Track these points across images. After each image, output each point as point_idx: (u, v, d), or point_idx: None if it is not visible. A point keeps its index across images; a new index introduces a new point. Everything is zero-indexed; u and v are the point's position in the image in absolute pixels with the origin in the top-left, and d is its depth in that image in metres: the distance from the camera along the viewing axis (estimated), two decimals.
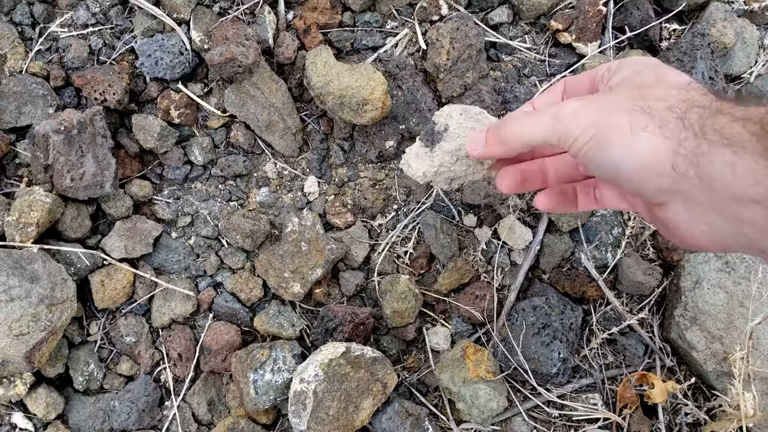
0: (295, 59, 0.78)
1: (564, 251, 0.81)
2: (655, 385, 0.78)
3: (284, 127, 0.78)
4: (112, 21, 0.75)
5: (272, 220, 0.79)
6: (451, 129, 0.53)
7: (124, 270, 0.75)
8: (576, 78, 0.51)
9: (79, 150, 0.70)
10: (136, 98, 0.76)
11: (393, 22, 0.81)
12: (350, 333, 0.77)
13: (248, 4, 0.76)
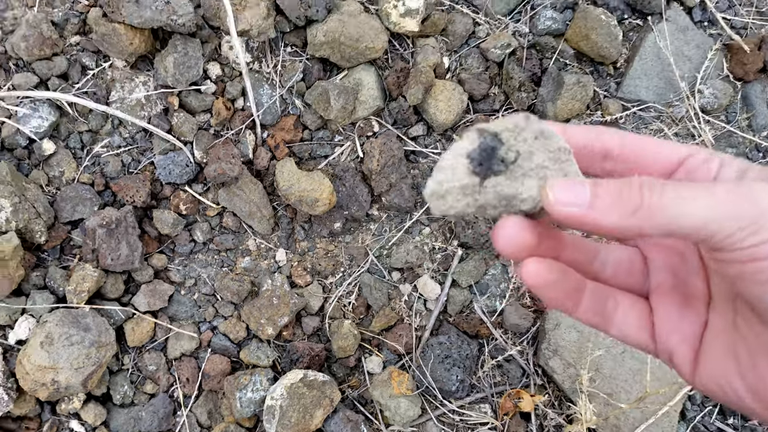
0: (268, 167, 1.09)
1: (464, 301, 1.13)
2: (524, 398, 1.09)
3: (261, 215, 1.09)
4: (138, 143, 1.06)
5: (253, 281, 1.11)
6: (519, 160, 0.37)
7: (148, 319, 1.06)
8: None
9: (116, 239, 1.02)
10: (156, 197, 1.07)
11: (339, 137, 1.12)
12: (308, 362, 1.08)
13: (235, 130, 1.07)
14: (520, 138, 0.38)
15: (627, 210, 0.33)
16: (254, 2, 1.02)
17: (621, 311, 0.42)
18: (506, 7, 1.14)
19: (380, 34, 1.06)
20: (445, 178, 0.37)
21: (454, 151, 0.37)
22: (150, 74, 1.04)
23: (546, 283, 0.38)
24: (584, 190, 0.34)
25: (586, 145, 0.40)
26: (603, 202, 0.34)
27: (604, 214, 0.34)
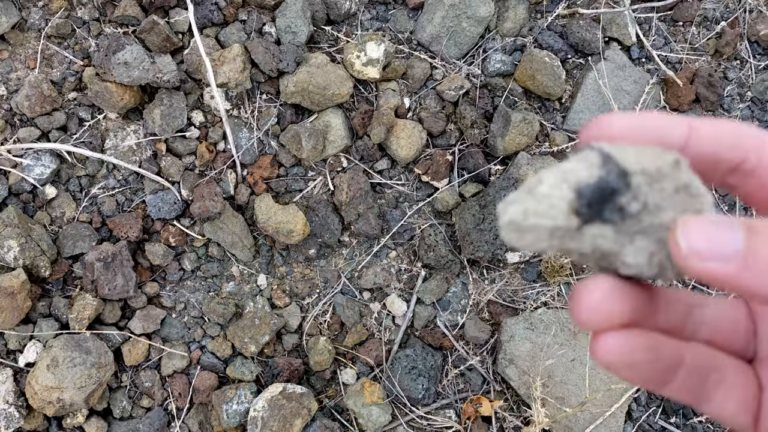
0: (248, 201, 1.21)
1: (428, 316, 1.25)
2: (483, 404, 1.21)
3: (242, 245, 1.22)
4: (130, 184, 1.19)
5: (237, 304, 1.23)
6: (642, 214, 0.30)
7: (143, 341, 1.18)
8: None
9: (112, 271, 1.14)
10: (148, 231, 1.20)
11: (312, 173, 1.24)
12: (288, 376, 1.20)
13: (217, 170, 1.20)
14: (656, 186, 0.30)
15: None
16: (231, 57, 1.15)
17: (724, 389, 0.33)
18: (460, 52, 1.26)
19: (345, 81, 1.19)
20: (534, 209, 0.29)
21: (560, 175, 0.30)
22: (140, 123, 1.17)
23: (631, 363, 0.30)
24: (734, 237, 0.25)
25: (715, 152, 0.31)
26: (763, 260, 0.25)
27: (761, 279, 0.25)
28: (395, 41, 1.25)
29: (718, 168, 0.32)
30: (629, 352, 0.29)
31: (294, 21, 1.18)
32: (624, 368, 0.30)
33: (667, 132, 0.32)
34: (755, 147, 0.31)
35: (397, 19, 1.26)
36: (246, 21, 1.20)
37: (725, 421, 0.34)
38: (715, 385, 0.33)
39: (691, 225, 0.27)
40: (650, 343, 0.30)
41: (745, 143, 0.31)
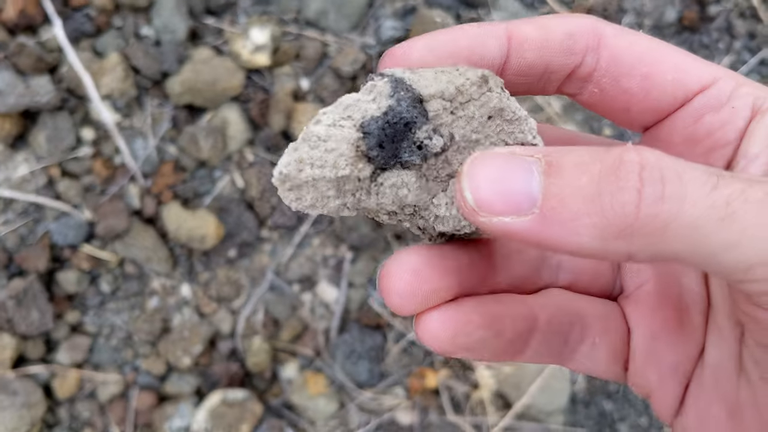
0: (157, 212, 1.18)
1: (361, 298, 1.23)
2: (426, 376, 1.20)
3: (158, 257, 1.18)
4: (31, 215, 1.15)
5: (163, 318, 1.20)
6: (451, 151, 0.25)
7: (73, 372, 1.15)
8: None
9: (26, 306, 1.11)
10: (58, 260, 1.16)
11: (218, 172, 1.21)
12: (228, 382, 1.18)
13: (119, 185, 1.16)
14: (461, 114, 0.24)
15: (611, 229, 0.20)
16: (110, 67, 1.11)
17: (589, 341, 0.30)
18: (350, 24, 1.23)
19: (235, 73, 1.15)
20: (310, 157, 0.23)
21: (340, 111, 0.24)
22: (29, 151, 1.12)
23: (468, 345, 0.26)
24: (530, 180, 0.21)
25: (544, 62, 0.27)
26: (565, 208, 0.20)
27: (568, 232, 0.20)
28: (282, 23, 1.21)
29: (550, 78, 0.28)
30: (463, 333, 0.25)
31: (170, 19, 1.13)
32: (461, 351, 0.26)
33: (482, 47, 0.27)
34: (591, 47, 0.27)
35: (280, 1, 1.22)
36: (122, 27, 1.15)
37: (596, 374, 0.31)
38: (578, 339, 0.30)
39: (477, 168, 0.22)
40: (488, 315, 0.26)
41: (578, 45, 0.27)
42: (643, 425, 1.24)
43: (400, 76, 0.25)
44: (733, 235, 0.19)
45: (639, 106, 0.27)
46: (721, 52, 1.28)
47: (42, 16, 1.10)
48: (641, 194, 0.20)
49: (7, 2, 1.07)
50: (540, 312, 0.29)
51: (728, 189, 0.20)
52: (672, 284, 0.30)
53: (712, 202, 0.19)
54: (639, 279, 0.31)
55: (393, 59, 0.28)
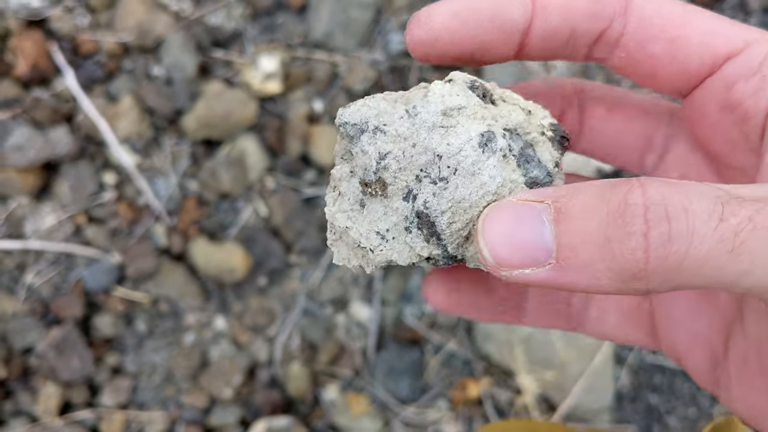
0: (184, 248, 1.19)
1: (395, 314, 1.23)
2: (468, 386, 1.19)
3: (190, 293, 1.19)
4: (62, 263, 1.16)
5: (202, 351, 1.21)
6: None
7: (118, 414, 1.17)
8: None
9: (66, 354, 1.12)
10: (93, 305, 1.17)
11: (240, 203, 1.21)
12: (270, 410, 1.18)
13: (145, 226, 1.17)
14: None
15: (626, 273, 0.20)
16: (125, 110, 1.11)
17: (597, 301, 0.30)
18: (357, 42, 1.22)
19: (248, 103, 1.15)
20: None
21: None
22: (55, 201, 1.14)
23: (458, 302, 0.30)
24: (542, 232, 0.21)
25: (570, 26, 0.27)
26: (579, 256, 0.21)
27: (587, 278, 0.21)
28: (289, 49, 1.21)
29: (577, 44, 0.28)
30: (455, 290, 0.29)
31: (179, 56, 1.14)
32: (457, 307, 0.30)
33: (504, 11, 0.27)
34: (618, 12, 0.27)
35: (286, 26, 1.22)
36: (132, 69, 1.16)
37: (616, 338, 0.31)
38: (582, 304, 0.30)
39: (489, 224, 0.23)
40: (476, 274, 0.28)
41: (605, 10, 0.27)
42: (691, 416, 1.22)
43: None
44: (745, 266, 0.19)
45: (665, 71, 0.27)
46: None
47: (53, 67, 1.11)
48: (648, 239, 0.20)
49: (18, 58, 1.08)
50: None
51: (736, 219, 0.20)
52: None
53: (720, 236, 0.19)
54: None
55: (417, 25, 0.28)
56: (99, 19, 1.15)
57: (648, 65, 0.27)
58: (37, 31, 1.11)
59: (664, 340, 0.30)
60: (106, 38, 1.13)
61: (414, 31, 0.28)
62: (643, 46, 0.27)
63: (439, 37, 0.27)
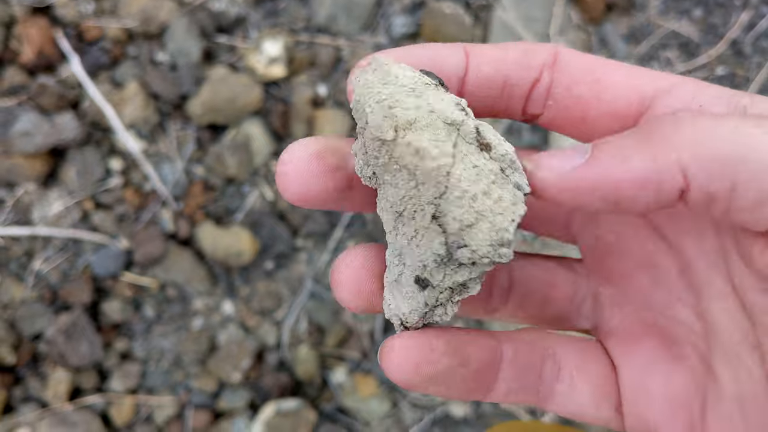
0: (191, 233, 1.19)
1: None
2: None
3: (198, 278, 1.20)
4: (70, 249, 1.17)
5: (210, 336, 1.21)
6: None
7: (128, 399, 1.17)
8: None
9: (75, 340, 1.13)
10: (101, 291, 1.18)
11: (246, 188, 1.22)
12: (279, 393, 1.19)
13: (151, 211, 1.17)
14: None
15: (651, 148, 0.22)
16: (130, 96, 1.12)
17: (567, 378, 0.29)
18: (360, 26, 1.23)
19: (253, 88, 1.16)
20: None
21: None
22: (62, 187, 1.14)
23: (430, 377, 0.26)
24: (582, 149, 0.24)
25: (503, 75, 0.28)
26: (614, 144, 0.23)
27: (619, 161, 0.22)
28: (293, 33, 1.21)
29: (512, 95, 0.29)
30: (427, 361, 0.26)
31: (183, 42, 1.14)
32: (427, 383, 0.26)
33: (441, 59, 0.28)
34: (547, 64, 0.28)
35: (289, 11, 1.22)
36: (137, 56, 1.16)
37: (584, 417, 0.29)
38: (553, 375, 0.29)
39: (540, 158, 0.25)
40: (452, 342, 0.26)
41: (536, 60, 0.28)
42: None
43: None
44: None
45: (594, 113, 0.27)
46: (737, 9, 1.25)
47: (59, 54, 1.12)
48: (671, 119, 0.23)
49: (24, 44, 1.08)
50: (506, 342, 0.29)
51: (758, 110, 0.24)
52: (657, 317, 0.29)
53: (743, 118, 0.23)
54: (620, 314, 0.30)
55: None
56: (103, 6, 1.15)
57: (577, 110, 0.28)
58: (42, 18, 1.12)
59: (632, 412, 0.29)
60: (110, 24, 1.14)
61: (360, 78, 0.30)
62: (569, 90, 0.27)
63: None
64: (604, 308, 0.30)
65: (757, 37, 1.25)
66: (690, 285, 0.28)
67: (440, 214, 0.25)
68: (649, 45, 1.26)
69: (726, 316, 0.26)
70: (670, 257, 0.28)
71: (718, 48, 1.25)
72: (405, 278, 0.27)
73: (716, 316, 0.27)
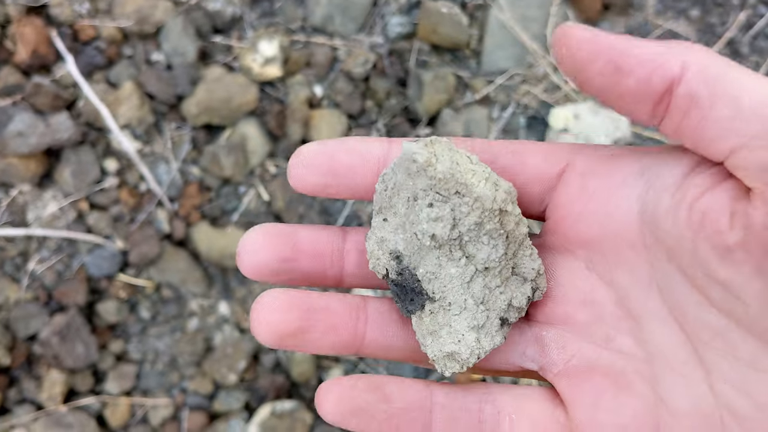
0: (186, 234, 1.19)
1: None
2: None
3: (193, 279, 1.19)
4: (65, 250, 1.16)
5: (206, 337, 1.21)
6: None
7: (123, 401, 1.17)
8: None
9: (70, 341, 1.12)
10: (96, 291, 1.17)
11: (243, 188, 1.21)
12: (275, 395, 1.18)
13: (147, 212, 1.17)
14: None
15: (665, 45, 0.25)
16: (126, 96, 1.12)
17: (506, 420, 0.29)
18: (356, 26, 1.22)
19: (248, 88, 1.15)
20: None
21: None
22: (56, 188, 1.14)
23: (351, 411, 0.28)
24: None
25: None
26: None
27: (633, 41, 0.25)
28: (289, 33, 1.21)
29: None
30: (348, 397, 0.28)
31: (179, 42, 1.14)
32: (350, 417, 0.28)
33: (363, 147, 0.31)
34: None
35: (285, 11, 1.22)
36: (133, 55, 1.16)
37: None
38: (494, 418, 0.29)
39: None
40: (375, 382, 0.28)
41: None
42: None
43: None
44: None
45: None
46: (735, 8, 1.25)
47: (54, 54, 1.11)
48: None
49: (18, 44, 1.08)
50: (437, 387, 0.30)
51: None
52: (600, 351, 0.29)
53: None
54: (565, 355, 0.30)
55: (296, 175, 0.32)
56: (98, 5, 1.15)
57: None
58: (37, 18, 1.11)
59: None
60: (105, 24, 1.13)
61: (297, 179, 0.32)
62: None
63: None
64: (548, 349, 0.31)
65: (755, 37, 1.24)
66: (628, 314, 0.28)
67: (516, 267, 0.31)
68: None
69: (667, 339, 0.27)
70: (605, 291, 0.29)
71: (716, 48, 1.24)
72: (486, 321, 0.31)
73: (658, 340, 0.27)
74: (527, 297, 0.31)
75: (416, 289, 0.30)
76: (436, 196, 0.28)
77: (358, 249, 0.32)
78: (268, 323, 0.30)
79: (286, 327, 0.30)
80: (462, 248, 0.29)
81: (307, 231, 0.32)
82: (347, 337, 0.31)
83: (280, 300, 0.30)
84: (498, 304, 0.30)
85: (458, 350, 0.29)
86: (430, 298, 0.30)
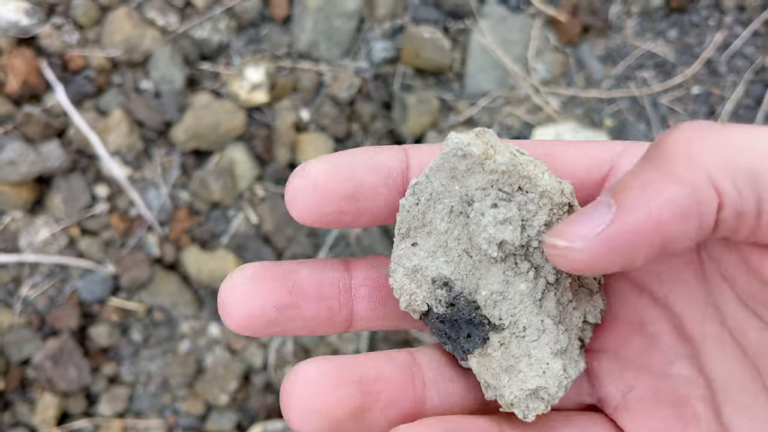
0: (177, 258, 1.21)
1: None
2: None
3: (184, 301, 1.21)
4: (57, 275, 1.18)
5: (197, 359, 1.23)
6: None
7: (116, 423, 1.19)
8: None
9: (63, 365, 1.14)
10: (88, 316, 1.19)
11: (231, 212, 1.24)
12: (266, 414, 1.21)
13: (137, 236, 1.19)
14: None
15: (679, 171, 0.20)
16: (115, 124, 1.14)
17: None
18: (341, 51, 1.25)
19: (236, 114, 1.18)
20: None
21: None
22: (48, 214, 1.16)
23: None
24: (608, 205, 0.21)
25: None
26: (633, 189, 0.21)
27: (651, 197, 0.20)
28: (275, 59, 1.23)
29: None
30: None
31: (167, 70, 1.16)
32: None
33: (378, 158, 0.27)
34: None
35: (271, 37, 1.24)
36: (122, 83, 1.18)
37: None
38: None
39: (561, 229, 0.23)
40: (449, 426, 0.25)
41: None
42: None
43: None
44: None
45: None
46: (712, 29, 1.28)
47: (44, 83, 1.13)
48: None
49: (9, 75, 1.10)
50: (505, 422, 0.27)
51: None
52: (659, 379, 0.27)
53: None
54: (623, 385, 0.28)
55: (295, 195, 0.29)
56: (87, 36, 1.17)
57: None
58: (26, 49, 1.14)
59: None
60: (94, 54, 1.16)
61: (295, 203, 0.28)
62: None
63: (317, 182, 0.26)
64: (603, 381, 0.29)
65: (732, 57, 1.27)
66: (684, 338, 0.26)
67: (581, 277, 0.27)
68: (626, 66, 1.28)
69: (727, 364, 0.25)
70: (659, 314, 0.27)
71: (694, 68, 1.27)
72: (568, 347, 0.27)
73: (717, 365, 0.26)
74: (600, 310, 0.26)
75: (474, 320, 0.25)
76: (500, 194, 0.23)
77: (369, 285, 0.28)
78: (317, 410, 0.24)
79: (342, 410, 0.25)
80: (528, 258, 0.25)
81: (307, 269, 0.28)
82: (408, 410, 0.26)
83: (326, 373, 0.25)
84: (574, 322, 0.26)
85: (545, 384, 0.25)
86: (496, 326, 0.25)
